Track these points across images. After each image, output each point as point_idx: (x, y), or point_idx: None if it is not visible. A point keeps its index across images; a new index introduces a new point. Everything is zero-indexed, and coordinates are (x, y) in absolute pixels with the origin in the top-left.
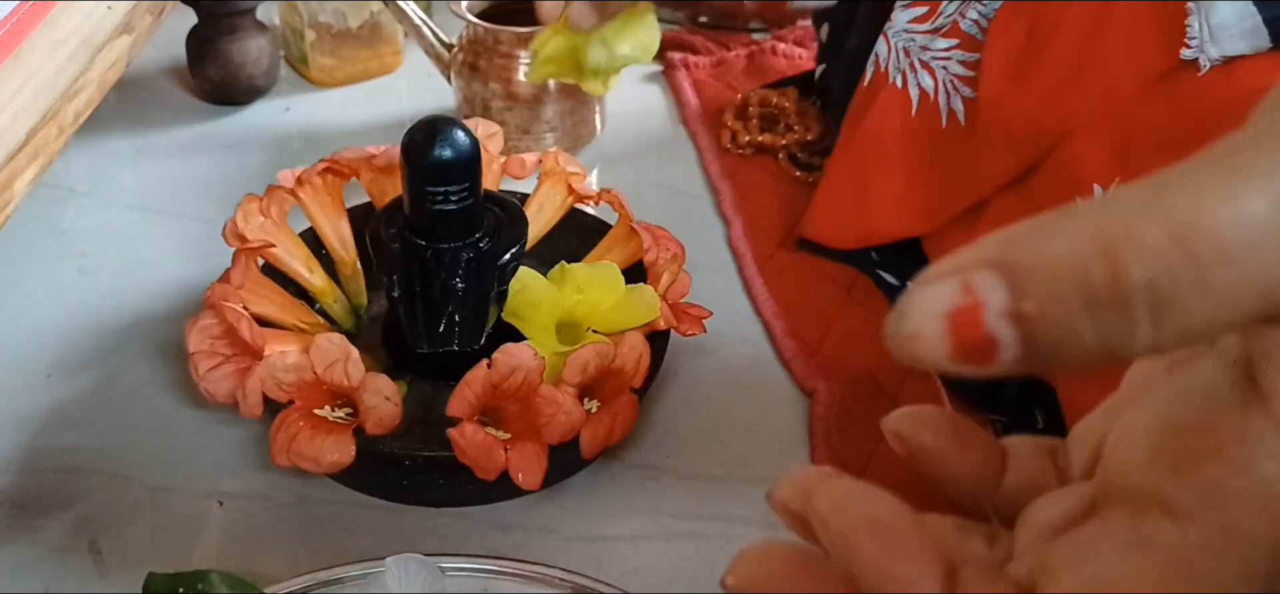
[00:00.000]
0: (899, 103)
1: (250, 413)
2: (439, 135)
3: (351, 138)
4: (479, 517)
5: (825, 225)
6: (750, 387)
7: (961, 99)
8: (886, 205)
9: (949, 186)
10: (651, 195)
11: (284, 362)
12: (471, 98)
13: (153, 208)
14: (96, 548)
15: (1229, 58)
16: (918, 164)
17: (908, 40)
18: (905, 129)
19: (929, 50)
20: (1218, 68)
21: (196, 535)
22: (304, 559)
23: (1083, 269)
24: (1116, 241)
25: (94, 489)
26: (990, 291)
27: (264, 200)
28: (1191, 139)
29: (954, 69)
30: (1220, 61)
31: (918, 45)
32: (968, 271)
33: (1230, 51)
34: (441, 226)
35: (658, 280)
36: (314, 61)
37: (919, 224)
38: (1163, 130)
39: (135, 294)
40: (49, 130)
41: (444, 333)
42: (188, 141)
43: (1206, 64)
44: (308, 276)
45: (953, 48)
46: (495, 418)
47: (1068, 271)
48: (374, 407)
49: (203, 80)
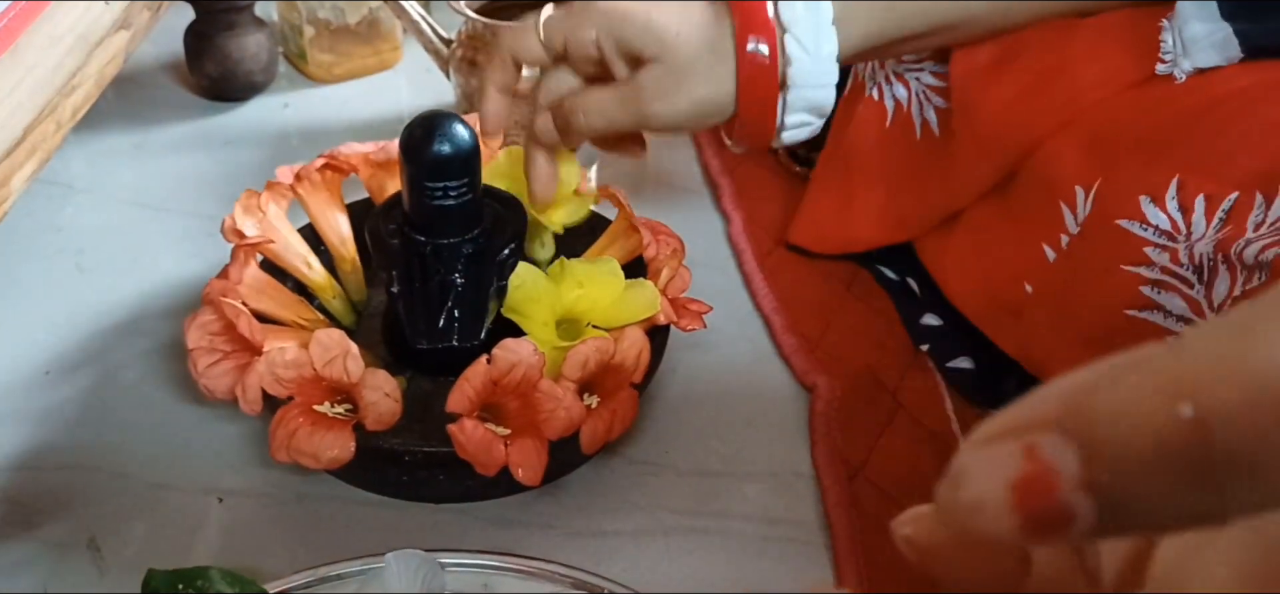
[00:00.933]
0: (875, 114)
1: (250, 409)
2: (438, 131)
3: (350, 134)
4: (479, 513)
5: (811, 233)
6: (750, 382)
7: (934, 109)
8: (868, 215)
9: (927, 196)
10: (651, 191)
11: (283, 357)
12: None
13: (151, 204)
14: (95, 545)
15: (1202, 69)
16: (896, 174)
17: None
18: (883, 139)
19: (903, 62)
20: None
21: (196, 532)
22: (304, 556)
23: (1162, 434)
24: (1199, 402)
25: (92, 486)
26: (1061, 458)
27: (262, 196)
28: (1168, 141)
29: (926, 80)
30: (1194, 73)
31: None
32: (1032, 434)
33: (1204, 64)
34: (441, 222)
35: (657, 276)
36: (312, 57)
37: (899, 233)
38: (1138, 130)
39: (134, 291)
40: (46, 126)
41: (443, 328)
42: (186, 138)
43: (1181, 77)
44: (307, 273)
45: (924, 59)
46: (495, 414)
47: (1146, 437)
48: (374, 402)
49: (201, 76)
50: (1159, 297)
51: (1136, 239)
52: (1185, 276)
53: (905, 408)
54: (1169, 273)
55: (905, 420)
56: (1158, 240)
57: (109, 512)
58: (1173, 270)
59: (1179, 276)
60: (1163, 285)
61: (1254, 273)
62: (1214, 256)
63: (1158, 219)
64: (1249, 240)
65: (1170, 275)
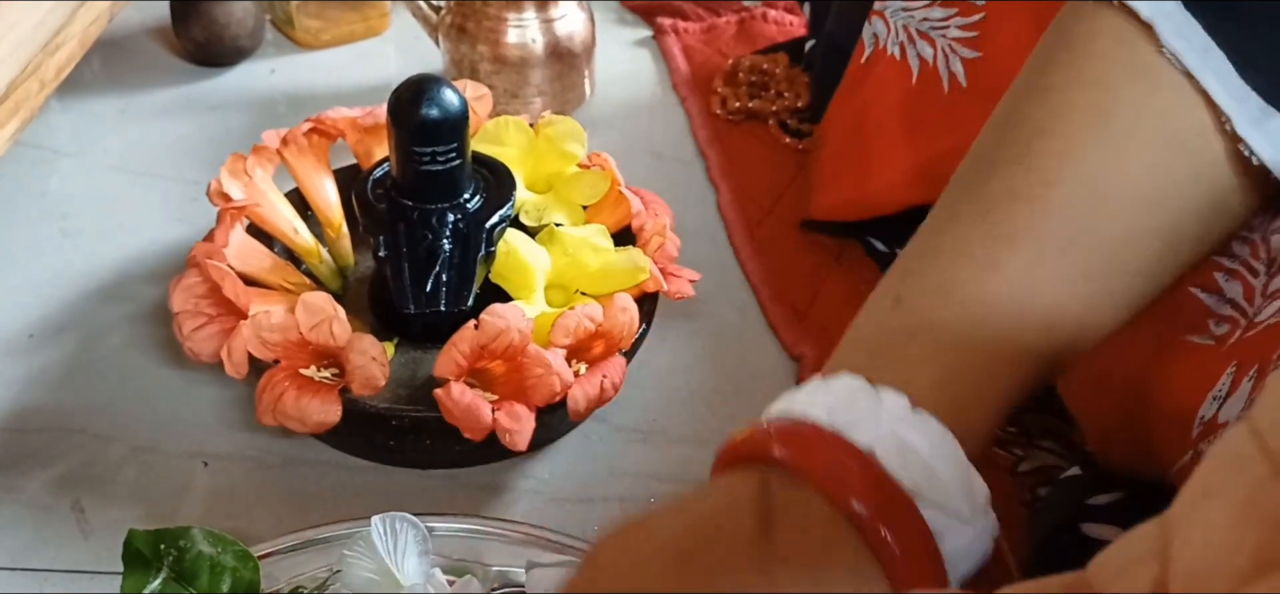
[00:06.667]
0: (897, 74)
1: (235, 372)
2: (426, 95)
3: (338, 100)
4: (466, 478)
5: (832, 202)
6: (738, 351)
7: (961, 61)
8: (892, 176)
9: (955, 151)
10: (641, 160)
11: (269, 320)
12: (459, 60)
13: (136, 169)
14: (79, 507)
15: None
16: (921, 132)
17: (906, 18)
18: (907, 98)
19: (928, 21)
20: None
21: (181, 496)
22: (289, 520)
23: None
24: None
25: (77, 449)
26: None
27: (249, 160)
28: None
29: (952, 34)
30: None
31: (916, 19)
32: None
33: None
34: (428, 187)
35: (646, 245)
36: (300, 23)
37: (925, 192)
38: None
39: (119, 255)
40: (30, 85)
41: (431, 294)
42: (172, 103)
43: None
44: (293, 237)
45: (950, 17)
46: (483, 380)
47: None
48: (361, 366)
49: (187, 41)
50: (1226, 284)
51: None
52: (1255, 268)
53: None
54: (1245, 265)
55: None
56: (1242, 231)
57: (93, 474)
58: (1249, 263)
59: (1249, 268)
60: (1234, 274)
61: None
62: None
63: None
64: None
65: (1244, 268)
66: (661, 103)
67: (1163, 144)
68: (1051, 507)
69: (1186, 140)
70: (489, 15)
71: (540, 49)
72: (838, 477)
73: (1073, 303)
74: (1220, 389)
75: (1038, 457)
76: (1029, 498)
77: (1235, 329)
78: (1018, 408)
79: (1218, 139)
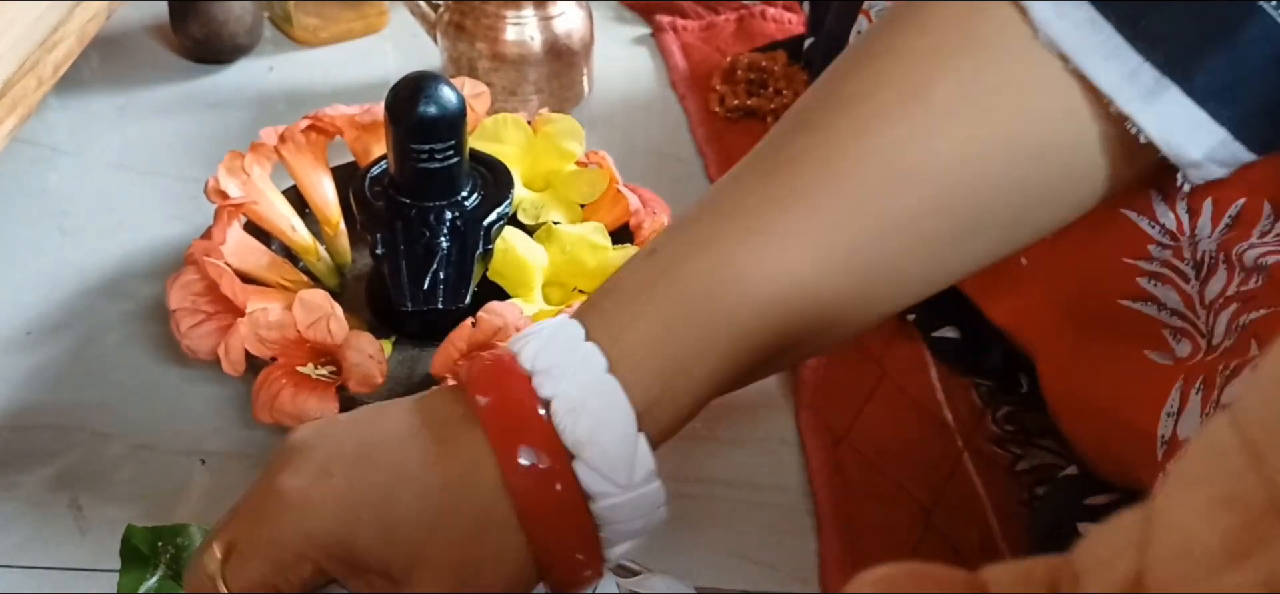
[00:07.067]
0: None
1: (232, 370)
2: (424, 92)
3: (336, 98)
4: None
5: None
6: None
7: None
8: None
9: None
10: (639, 158)
11: (267, 318)
12: (458, 58)
13: (135, 167)
14: (77, 504)
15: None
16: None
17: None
18: None
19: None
20: None
21: (179, 493)
22: None
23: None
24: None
25: (74, 446)
26: None
27: (247, 157)
28: None
29: None
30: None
31: None
32: None
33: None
34: (426, 185)
35: (644, 242)
36: (298, 20)
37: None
38: None
39: (117, 253)
40: (27, 82)
41: (429, 292)
42: (170, 100)
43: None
44: (291, 235)
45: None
46: None
47: None
48: (357, 364)
49: (185, 38)
50: (1155, 289)
51: (1142, 233)
52: (1183, 272)
53: (889, 376)
54: (1169, 267)
55: (889, 389)
56: (1162, 238)
57: (91, 472)
58: (1173, 265)
59: (1177, 271)
60: (1160, 279)
61: (1252, 274)
62: (1216, 255)
63: (1166, 217)
64: (1251, 245)
65: (1169, 269)
66: (660, 101)
67: (997, 122)
68: (1049, 505)
69: (1037, 119)
70: (487, 13)
71: (538, 46)
72: (506, 412)
73: (836, 275)
74: (1171, 406)
75: (1036, 455)
76: (1027, 496)
77: (1197, 352)
78: (1017, 408)
79: (1085, 118)
